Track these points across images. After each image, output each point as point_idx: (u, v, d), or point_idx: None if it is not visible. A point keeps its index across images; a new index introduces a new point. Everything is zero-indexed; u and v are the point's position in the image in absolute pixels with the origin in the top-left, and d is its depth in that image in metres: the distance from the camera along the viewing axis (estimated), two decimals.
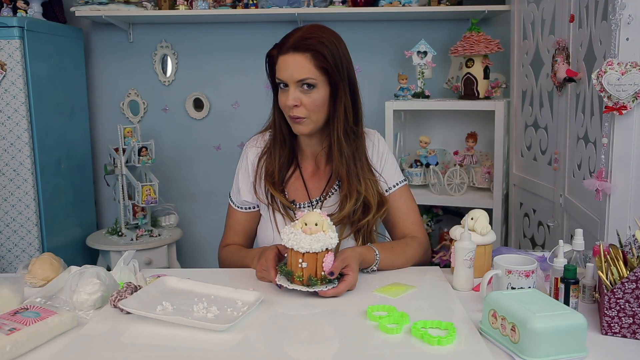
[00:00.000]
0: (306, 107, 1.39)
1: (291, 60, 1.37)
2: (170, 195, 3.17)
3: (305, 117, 1.40)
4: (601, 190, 1.55)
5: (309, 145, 1.53)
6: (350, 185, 1.45)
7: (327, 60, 1.37)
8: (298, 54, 1.36)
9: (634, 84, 1.46)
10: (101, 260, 2.88)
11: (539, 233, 2.34)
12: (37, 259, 1.37)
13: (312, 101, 1.39)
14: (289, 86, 1.38)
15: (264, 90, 3.08)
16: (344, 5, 2.78)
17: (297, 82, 1.37)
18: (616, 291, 1.06)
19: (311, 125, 1.42)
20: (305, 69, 1.36)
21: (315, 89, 1.38)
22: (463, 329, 1.08)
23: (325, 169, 1.54)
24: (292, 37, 1.38)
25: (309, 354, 1.01)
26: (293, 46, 1.37)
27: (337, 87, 1.40)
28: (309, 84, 1.37)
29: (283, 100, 1.41)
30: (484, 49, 2.52)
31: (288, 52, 1.37)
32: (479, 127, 2.72)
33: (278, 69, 1.39)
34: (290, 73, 1.37)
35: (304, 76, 1.36)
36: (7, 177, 2.54)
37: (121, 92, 3.15)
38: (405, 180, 1.59)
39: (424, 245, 1.54)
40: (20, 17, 2.55)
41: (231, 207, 1.59)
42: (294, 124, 1.43)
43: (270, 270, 1.28)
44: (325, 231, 1.22)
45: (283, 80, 1.38)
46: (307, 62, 1.36)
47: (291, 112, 1.40)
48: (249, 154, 1.56)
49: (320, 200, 1.51)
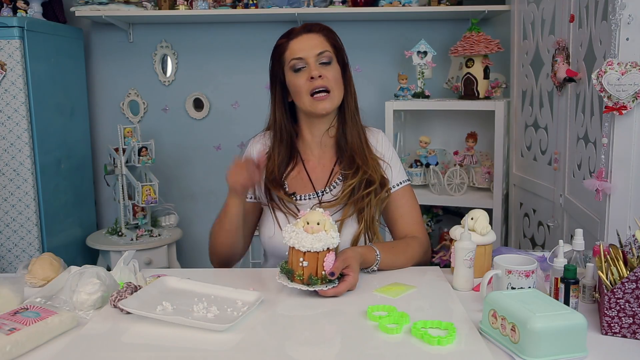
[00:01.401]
0: (329, 79, 1.44)
1: (306, 38, 1.46)
2: (170, 195, 3.17)
3: (330, 91, 1.44)
4: (601, 190, 1.55)
5: (317, 131, 1.53)
6: (360, 159, 1.49)
7: (337, 40, 1.49)
8: (312, 33, 1.47)
9: (634, 84, 1.46)
10: (101, 260, 2.88)
11: (539, 233, 2.34)
12: (37, 259, 1.37)
13: (334, 75, 1.46)
14: (306, 65, 1.43)
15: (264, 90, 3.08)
16: (344, 5, 2.78)
17: (316, 55, 1.44)
18: (616, 291, 1.06)
19: (335, 100, 1.46)
20: (322, 43, 1.46)
21: (332, 65, 1.46)
22: (463, 329, 1.08)
23: (328, 158, 1.55)
24: (300, 27, 1.49)
25: (309, 353, 1.01)
26: (305, 29, 1.47)
27: (345, 67, 1.50)
28: (327, 58, 1.45)
29: (303, 78, 1.44)
30: (484, 49, 2.52)
31: (301, 34, 1.46)
32: (479, 127, 2.72)
33: (292, 51, 1.45)
34: (308, 49, 1.44)
35: (322, 49, 1.45)
36: (7, 177, 2.54)
37: (121, 92, 3.15)
38: (408, 180, 1.60)
39: (425, 245, 1.54)
40: (20, 17, 2.55)
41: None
42: (318, 102, 1.44)
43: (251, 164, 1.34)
44: (327, 231, 1.22)
45: (301, 57, 1.43)
46: (322, 39, 1.47)
47: (317, 83, 1.42)
48: (254, 148, 1.58)
49: (325, 192, 1.52)
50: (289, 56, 1.44)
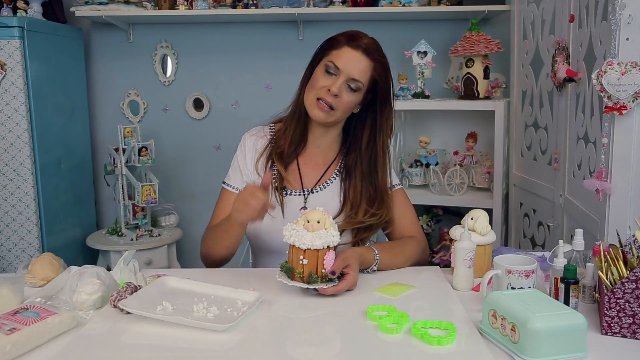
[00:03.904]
0: (341, 102, 1.43)
1: (357, 57, 1.43)
2: (170, 195, 3.17)
3: (334, 110, 1.44)
4: (601, 190, 1.55)
5: (317, 137, 1.54)
6: (382, 199, 1.51)
7: (382, 76, 1.47)
8: (365, 56, 1.44)
9: (634, 84, 1.46)
10: (101, 260, 2.88)
11: (539, 233, 2.34)
12: (37, 259, 1.37)
13: (348, 101, 1.45)
14: (337, 75, 1.43)
15: (264, 90, 3.12)
16: (344, 5, 2.78)
17: (349, 78, 1.42)
18: (616, 291, 1.06)
19: (332, 118, 1.46)
20: (364, 72, 1.44)
21: (355, 93, 1.45)
22: (463, 329, 1.08)
23: (323, 162, 1.56)
24: (364, 39, 1.46)
25: (309, 353, 1.01)
26: (365, 48, 1.44)
27: (384, 104, 1.50)
28: (356, 86, 1.43)
29: (325, 83, 1.43)
30: (484, 49, 2.52)
31: (358, 49, 1.44)
32: (479, 127, 2.72)
33: (338, 56, 1.43)
34: (350, 68, 1.42)
35: (358, 77, 1.43)
36: (7, 177, 2.54)
37: (121, 92, 3.15)
38: (400, 184, 1.61)
39: (422, 244, 1.55)
40: (20, 17, 2.55)
41: (225, 192, 1.58)
42: (316, 109, 1.44)
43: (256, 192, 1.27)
44: (327, 229, 1.22)
45: (339, 67, 1.42)
46: (368, 68, 1.44)
47: (326, 97, 1.42)
48: (247, 141, 1.59)
49: (312, 191, 1.53)
50: (333, 56, 1.44)
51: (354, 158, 1.53)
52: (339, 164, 1.57)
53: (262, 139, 1.58)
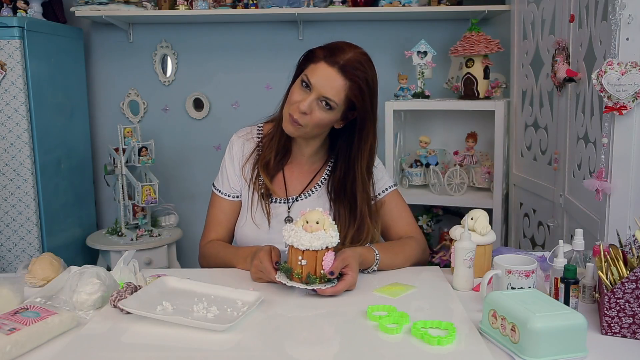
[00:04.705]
0: (311, 119, 1.38)
1: (332, 75, 1.35)
2: (170, 195, 3.17)
3: (303, 126, 1.39)
4: (601, 190, 1.55)
5: (300, 147, 1.53)
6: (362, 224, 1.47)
7: (360, 97, 1.38)
8: (340, 75, 1.35)
9: (634, 84, 1.46)
10: (101, 260, 2.88)
11: (539, 233, 2.34)
12: (37, 259, 1.37)
13: (320, 119, 1.38)
14: (310, 91, 1.37)
15: (264, 90, 3.12)
16: (344, 5, 2.78)
17: (321, 96, 1.36)
18: (616, 291, 1.06)
19: (300, 133, 1.42)
20: (337, 92, 1.36)
21: (331, 111, 1.38)
22: (463, 329, 1.08)
23: (309, 170, 1.55)
24: (344, 55, 1.36)
25: (309, 353, 1.01)
26: (342, 65, 1.35)
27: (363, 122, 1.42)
28: (330, 105, 1.37)
29: (297, 97, 1.38)
30: (484, 49, 2.52)
31: (334, 67, 1.35)
32: (479, 127, 2.72)
33: (313, 71, 1.36)
34: (322, 85, 1.35)
35: (330, 96, 1.35)
36: (7, 177, 2.54)
37: (121, 92, 3.15)
38: (395, 185, 1.60)
39: (422, 244, 1.55)
40: (20, 17, 2.55)
41: (216, 197, 1.58)
42: (287, 122, 1.41)
43: (269, 271, 1.28)
44: (326, 230, 1.22)
45: (311, 84, 1.36)
46: (343, 88, 1.36)
47: (295, 114, 1.38)
48: (235, 144, 1.58)
49: (297, 200, 1.53)
50: (308, 71, 1.38)
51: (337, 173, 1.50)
52: (326, 172, 1.55)
53: (250, 141, 1.56)
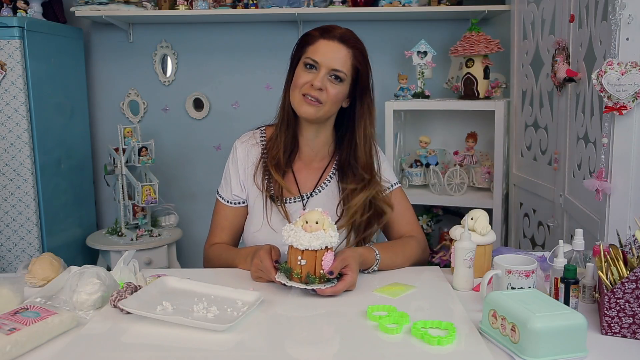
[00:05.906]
0: (328, 96, 1.41)
1: (334, 47, 1.41)
2: (170, 195, 3.17)
3: (322, 104, 1.41)
4: (601, 190, 1.55)
5: (305, 133, 1.52)
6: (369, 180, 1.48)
7: (363, 63, 1.44)
8: (343, 45, 1.41)
9: (634, 84, 1.46)
10: (101, 260, 2.88)
11: (539, 233, 2.34)
12: (37, 259, 1.37)
13: (334, 94, 1.42)
14: (318, 69, 1.40)
15: (264, 90, 3.12)
16: (344, 5, 2.78)
17: (330, 70, 1.40)
18: (616, 291, 1.06)
19: (321, 113, 1.43)
20: (344, 61, 1.41)
21: (342, 84, 1.42)
22: (463, 329, 1.08)
23: (319, 165, 1.55)
24: (337, 29, 1.43)
25: (309, 353, 1.01)
26: (340, 37, 1.42)
27: (365, 91, 1.46)
28: (340, 77, 1.41)
29: (306, 79, 1.41)
30: (484, 49, 2.52)
31: (333, 40, 1.41)
32: (479, 127, 2.72)
33: (314, 50, 1.41)
34: (328, 59, 1.40)
35: (339, 67, 1.40)
36: (7, 177, 2.54)
37: (121, 92, 3.15)
38: (398, 182, 1.60)
39: (422, 244, 1.55)
40: (20, 17, 2.55)
41: (219, 204, 1.59)
42: (304, 105, 1.41)
43: (269, 270, 1.28)
44: (326, 230, 1.22)
45: (317, 61, 1.40)
46: (348, 57, 1.42)
47: (311, 92, 1.40)
48: (239, 150, 1.58)
49: (311, 195, 1.52)
50: (309, 52, 1.41)
51: (345, 154, 1.51)
52: (334, 164, 1.56)
53: (255, 146, 1.56)
